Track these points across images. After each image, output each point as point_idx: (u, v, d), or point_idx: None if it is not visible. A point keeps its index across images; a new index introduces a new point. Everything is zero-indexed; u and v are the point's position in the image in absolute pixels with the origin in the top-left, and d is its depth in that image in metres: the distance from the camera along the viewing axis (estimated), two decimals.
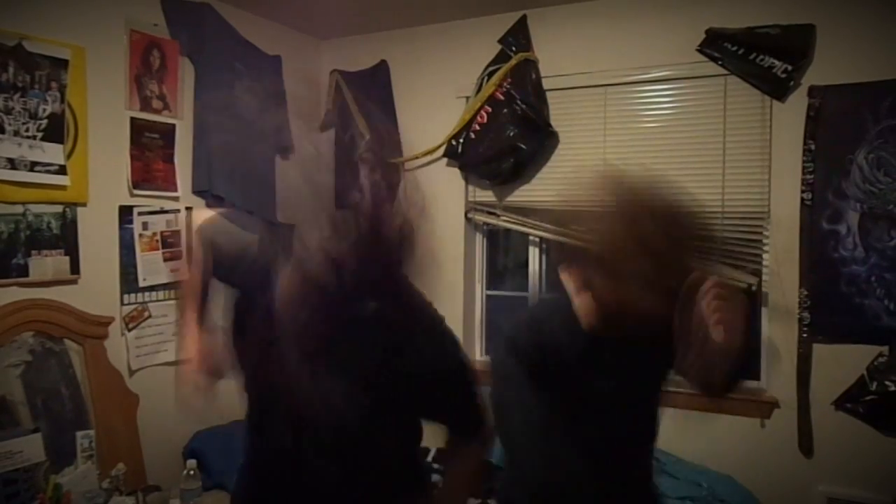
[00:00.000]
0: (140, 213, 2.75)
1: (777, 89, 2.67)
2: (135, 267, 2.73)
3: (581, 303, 1.29)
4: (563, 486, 1.28)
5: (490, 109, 3.20)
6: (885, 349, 2.49)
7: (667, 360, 1.29)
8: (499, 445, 1.34)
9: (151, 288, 2.79)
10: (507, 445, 1.32)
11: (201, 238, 1.46)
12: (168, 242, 2.85)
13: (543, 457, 1.29)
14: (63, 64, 2.43)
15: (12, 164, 2.30)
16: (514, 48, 3.18)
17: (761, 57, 2.67)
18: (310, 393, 1.12)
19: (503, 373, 1.32)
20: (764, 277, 2.74)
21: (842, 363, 2.56)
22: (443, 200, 3.33)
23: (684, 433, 2.39)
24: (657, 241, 1.16)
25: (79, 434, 2.42)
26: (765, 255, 2.74)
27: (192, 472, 2.41)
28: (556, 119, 3.10)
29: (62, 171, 2.44)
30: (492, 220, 3.33)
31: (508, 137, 3.12)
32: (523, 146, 3.10)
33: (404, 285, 1.18)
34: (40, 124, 2.38)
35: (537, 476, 1.29)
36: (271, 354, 1.19)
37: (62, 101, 2.44)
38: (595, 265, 1.25)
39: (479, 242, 3.46)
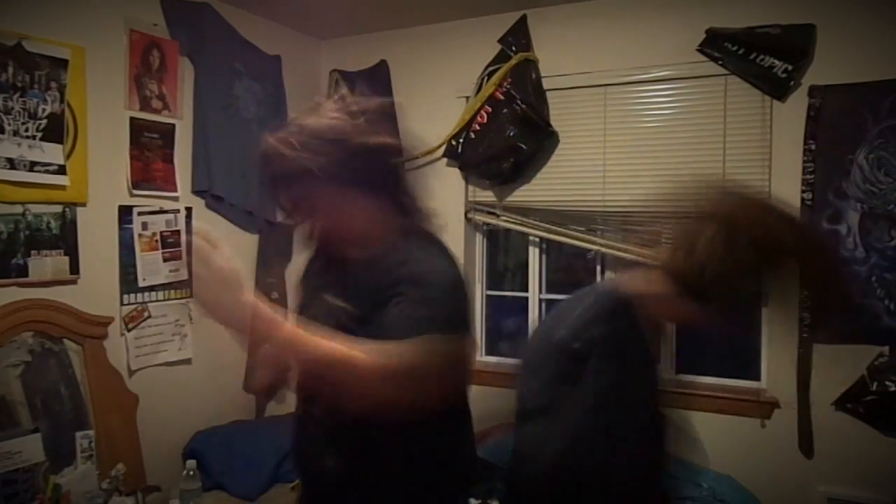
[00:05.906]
0: (140, 213, 2.75)
1: (777, 89, 2.67)
2: (134, 267, 2.73)
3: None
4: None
5: (490, 109, 3.20)
6: (885, 349, 2.49)
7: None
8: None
9: (151, 288, 2.79)
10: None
11: None
12: (168, 242, 2.85)
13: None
14: (63, 64, 2.43)
15: (12, 164, 2.30)
16: (514, 48, 3.18)
17: (761, 57, 2.67)
18: None
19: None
20: None
21: (842, 363, 2.56)
22: (443, 200, 3.31)
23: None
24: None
25: (78, 434, 2.42)
26: None
27: (191, 473, 2.41)
28: (556, 119, 3.10)
29: (62, 171, 2.44)
30: (492, 220, 3.33)
31: (508, 137, 3.12)
32: (523, 146, 3.09)
33: None
34: (40, 124, 2.37)
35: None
36: None
37: (62, 100, 2.43)
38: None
39: (479, 242, 3.46)
